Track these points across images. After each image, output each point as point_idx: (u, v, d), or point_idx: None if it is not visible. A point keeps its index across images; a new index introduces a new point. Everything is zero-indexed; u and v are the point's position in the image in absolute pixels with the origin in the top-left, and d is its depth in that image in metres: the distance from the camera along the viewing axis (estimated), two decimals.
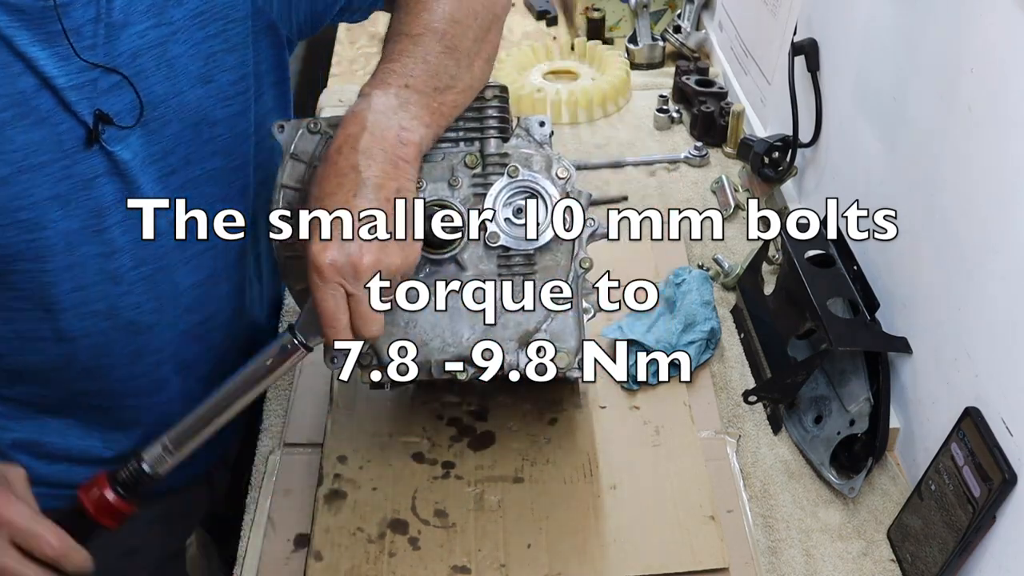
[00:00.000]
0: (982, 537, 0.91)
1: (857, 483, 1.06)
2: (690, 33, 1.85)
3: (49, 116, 0.88)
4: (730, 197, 1.49)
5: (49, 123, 0.88)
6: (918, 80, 1.06)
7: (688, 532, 1.01)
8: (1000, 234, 0.90)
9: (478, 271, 0.99)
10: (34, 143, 0.88)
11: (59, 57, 0.86)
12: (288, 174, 0.99)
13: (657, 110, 1.70)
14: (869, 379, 1.09)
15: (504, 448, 1.10)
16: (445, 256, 0.97)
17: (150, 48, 0.92)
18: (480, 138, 1.01)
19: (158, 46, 0.92)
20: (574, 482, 1.06)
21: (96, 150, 0.91)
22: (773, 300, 1.23)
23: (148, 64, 0.92)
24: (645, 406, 1.15)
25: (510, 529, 1.01)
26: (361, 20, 1.17)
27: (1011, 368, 0.89)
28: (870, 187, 1.19)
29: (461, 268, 0.98)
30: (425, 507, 1.04)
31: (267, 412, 1.19)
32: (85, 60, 0.88)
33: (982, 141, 0.93)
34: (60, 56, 0.86)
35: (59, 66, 0.86)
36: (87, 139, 0.90)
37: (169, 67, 0.94)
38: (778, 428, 1.15)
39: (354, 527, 1.02)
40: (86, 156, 0.91)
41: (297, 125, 0.99)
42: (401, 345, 0.90)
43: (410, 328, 0.98)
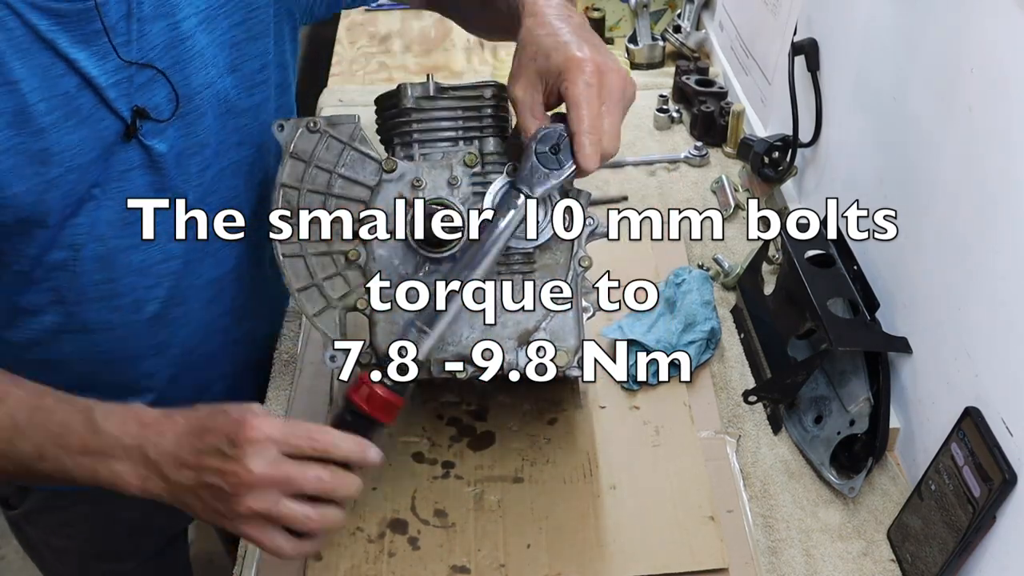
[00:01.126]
0: (982, 537, 0.91)
1: (857, 483, 1.06)
2: (690, 33, 1.85)
3: (91, 115, 0.89)
4: (730, 197, 1.49)
5: (91, 122, 0.89)
6: (918, 80, 1.06)
7: (688, 532, 1.01)
8: (1000, 234, 0.90)
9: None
10: (79, 143, 0.89)
11: (98, 56, 0.88)
12: (288, 173, 0.99)
13: (657, 110, 1.70)
14: (869, 379, 1.09)
15: (504, 448, 1.10)
16: (444, 255, 0.97)
17: (181, 41, 0.93)
18: (479, 136, 1.01)
19: (188, 38, 0.93)
20: (574, 482, 1.06)
21: (133, 144, 0.93)
22: (773, 300, 1.23)
23: (181, 57, 0.93)
24: (645, 406, 1.15)
25: (510, 529, 1.01)
26: (370, 3, 1.18)
27: (1011, 368, 0.89)
28: (870, 187, 1.18)
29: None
30: (425, 507, 1.04)
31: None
32: (122, 58, 0.89)
33: (982, 141, 0.93)
34: (99, 55, 0.88)
35: (98, 65, 0.88)
36: (125, 134, 0.92)
37: (200, 58, 0.95)
38: (778, 428, 1.15)
39: (353, 527, 1.02)
40: (123, 148, 0.92)
41: (297, 124, 1.00)
42: (401, 345, 0.90)
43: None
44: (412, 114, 1.01)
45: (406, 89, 1.01)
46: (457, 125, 1.01)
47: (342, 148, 1.00)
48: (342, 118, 1.00)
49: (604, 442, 1.10)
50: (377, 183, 0.99)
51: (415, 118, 1.01)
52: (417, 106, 1.01)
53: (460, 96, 1.02)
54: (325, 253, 1.00)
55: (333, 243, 0.99)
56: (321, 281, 0.99)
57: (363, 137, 1.00)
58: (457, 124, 1.01)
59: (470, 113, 1.01)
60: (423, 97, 1.01)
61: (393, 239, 0.99)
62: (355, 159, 1.00)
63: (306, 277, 0.99)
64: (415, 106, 1.01)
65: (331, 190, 1.00)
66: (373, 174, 1.00)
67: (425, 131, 1.01)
